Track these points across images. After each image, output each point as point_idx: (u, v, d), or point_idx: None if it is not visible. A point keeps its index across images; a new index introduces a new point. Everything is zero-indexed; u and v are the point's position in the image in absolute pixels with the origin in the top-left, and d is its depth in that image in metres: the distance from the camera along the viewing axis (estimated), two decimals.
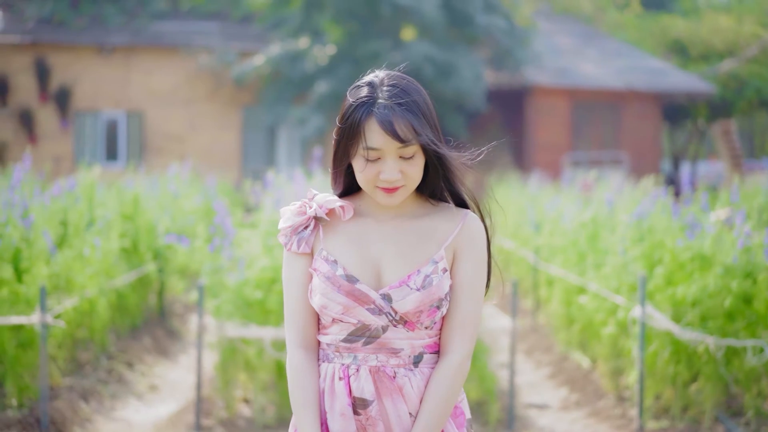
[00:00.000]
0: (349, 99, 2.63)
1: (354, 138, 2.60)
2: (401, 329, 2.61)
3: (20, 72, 24.59)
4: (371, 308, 2.60)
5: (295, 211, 2.70)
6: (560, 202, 11.70)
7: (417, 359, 2.63)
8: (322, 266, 2.64)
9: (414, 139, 2.56)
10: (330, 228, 2.69)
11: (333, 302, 2.60)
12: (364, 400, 2.60)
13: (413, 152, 2.59)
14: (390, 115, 2.56)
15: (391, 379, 2.60)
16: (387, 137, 2.56)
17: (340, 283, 2.61)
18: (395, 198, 2.62)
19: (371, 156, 2.58)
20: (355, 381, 2.61)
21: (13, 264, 6.69)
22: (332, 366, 2.63)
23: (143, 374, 8.08)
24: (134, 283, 9.19)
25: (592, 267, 8.11)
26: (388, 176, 2.58)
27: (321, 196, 2.70)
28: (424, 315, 2.60)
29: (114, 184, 10.96)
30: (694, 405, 6.50)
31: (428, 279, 2.60)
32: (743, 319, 6.30)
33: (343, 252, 2.65)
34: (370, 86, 2.62)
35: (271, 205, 6.89)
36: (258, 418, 6.31)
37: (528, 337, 9.80)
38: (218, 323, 6.25)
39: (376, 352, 2.61)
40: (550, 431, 6.67)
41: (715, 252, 6.41)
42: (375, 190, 2.62)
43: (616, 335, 7.22)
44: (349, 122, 2.61)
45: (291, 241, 2.68)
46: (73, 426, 6.33)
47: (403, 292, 2.59)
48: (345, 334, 2.62)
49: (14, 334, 6.44)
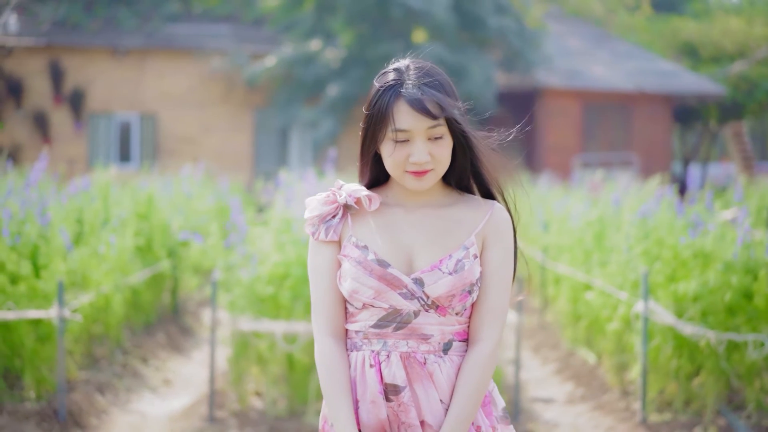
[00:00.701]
0: (376, 84, 2.66)
1: (382, 122, 2.61)
2: (433, 314, 2.62)
3: (35, 74, 24.83)
4: (403, 293, 2.61)
5: (322, 200, 2.70)
6: (568, 202, 11.83)
7: (447, 346, 2.64)
8: (352, 252, 2.65)
9: (442, 114, 2.59)
10: (358, 216, 2.70)
11: (364, 286, 2.61)
12: (395, 386, 2.60)
13: (441, 133, 2.61)
14: (418, 94, 2.59)
15: (421, 365, 2.61)
16: (416, 116, 2.58)
17: (371, 268, 2.61)
18: (424, 182, 2.63)
19: (400, 137, 2.60)
20: (387, 367, 2.61)
21: (31, 260, 6.86)
22: (361, 354, 2.64)
23: (157, 369, 8.25)
24: (148, 280, 9.37)
25: (597, 265, 8.25)
26: (418, 158, 2.59)
27: (348, 186, 2.71)
28: (455, 299, 2.61)
29: (128, 184, 11.16)
30: (697, 399, 6.63)
31: (460, 263, 2.62)
32: (744, 315, 6.42)
33: (374, 238, 2.67)
34: (397, 71, 2.65)
35: (283, 204, 7.05)
36: (270, 410, 6.47)
37: (536, 334, 9.94)
38: (232, 317, 6.42)
39: (406, 338, 2.62)
40: (555, 424, 6.81)
41: (715, 249, 6.54)
42: (404, 175, 2.63)
43: (621, 331, 7.36)
44: (377, 107, 2.62)
45: (319, 229, 2.69)
46: (89, 417, 6.51)
47: (435, 276, 2.60)
48: (375, 319, 2.63)
49: (32, 328, 6.61)
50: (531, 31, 24.64)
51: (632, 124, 26.37)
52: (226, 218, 12.76)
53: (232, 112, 25.48)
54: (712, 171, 33.45)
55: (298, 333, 6.26)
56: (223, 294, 6.75)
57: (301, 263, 6.45)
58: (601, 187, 13.58)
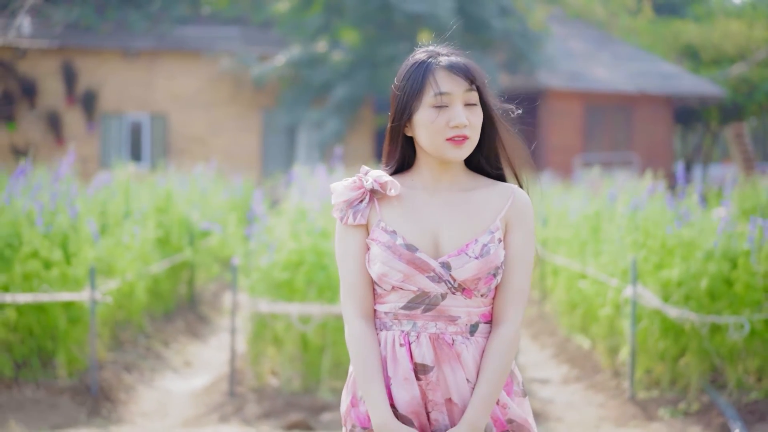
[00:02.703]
0: (411, 60, 2.78)
1: (421, 89, 2.72)
2: (459, 297, 2.70)
3: (48, 76, 25.36)
4: (431, 276, 2.68)
5: (349, 186, 2.77)
6: (568, 198, 12.35)
7: (473, 328, 2.72)
8: (381, 236, 2.72)
9: (476, 80, 2.75)
10: (385, 201, 2.76)
11: (393, 270, 2.68)
12: (424, 366, 2.68)
13: (475, 100, 2.74)
14: (456, 60, 2.74)
15: (449, 346, 2.69)
16: (455, 79, 2.71)
17: (400, 252, 2.69)
18: (463, 150, 2.72)
19: (442, 102, 2.69)
20: (417, 347, 2.69)
21: (62, 248, 7.39)
22: (391, 333, 2.72)
23: (178, 352, 8.79)
24: (167, 271, 9.90)
25: (592, 255, 8.76)
26: (459, 120, 2.68)
27: (374, 172, 2.78)
28: (481, 282, 2.69)
29: (144, 181, 11.72)
30: (682, 378, 7.13)
31: (486, 248, 2.69)
32: (726, 299, 6.93)
33: (401, 223, 2.73)
34: (428, 51, 2.79)
35: (297, 195, 7.58)
36: (285, 387, 6.98)
37: (535, 323, 10.45)
38: (251, 299, 6.94)
39: (435, 319, 2.70)
40: (550, 400, 7.32)
41: (697, 238, 7.05)
42: (443, 144, 2.71)
43: (612, 316, 7.86)
44: (414, 76, 2.73)
45: (347, 214, 2.75)
46: (118, 393, 7.04)
47: (462, 260, 2.68)
48: (405, 301, 2.70)
49: (64, 311, 7.12)
50: (534, 34, 25.03)
51: (633, 125, 26.83)
52: (240, 212, 13.32)
53: (241, 113, 25.96)
54: (713, 171, 33.87)
55: (312, 315, 6.78)
56: (242, 279, 7.27)
57: (315, 251, 6.97)
58: (599, 184, 14.08)
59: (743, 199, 11.95)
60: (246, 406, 6.64)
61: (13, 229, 7.17)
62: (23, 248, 7.02)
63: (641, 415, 6.73)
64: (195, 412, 6.79)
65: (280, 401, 6.67)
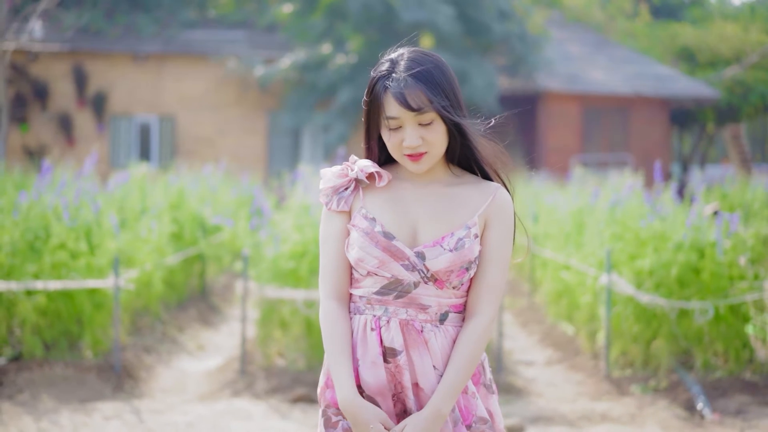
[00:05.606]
0: (373, 73, 2.80)
1: (377, 110, 2.77)
2: (431, 287, 2.76)
3: (59, 78, 25.97)
4: (405, 264, 2.75)
5: (336, 173, 2.85)
6: (558, 196, 13.03)
7: (443, 317, 2.78)
8: (361, 222, 2.79)
9: (426, 107, 2.70)
10: (369, 190, 2.84)
11: (370, 256, 2.75)
12: (393, 350, 2.75)
13: (430, 119, 2.72)
14: (402, 86, 2.70)
15: (418, 333, 2.76)
16: (401, 108, 2.71)
17: (377, 239, 2.75)
18: (421, 165, 2.76)
19: (392, 125, 2.74)
20: (386, 332, 2.76)
21: (86, 240, 8.08)
22: (364, 317, 2.79)
23: (192, 337, 9.49)
24: (181, 263, 10.59)
25: (575, 248, 9.44)
26: (409, 142, 2.72)
27: (362, 161, 2.85)
28: (453, 275, 2.75)
29: (157, 180, 12.44)
30: (654, 359, 7.80)
31: (461, 242, 2.75)
32: (694, 287, 7.60)
33: (382, 211, 2.80)
34: (390, 61, 2.78)
35: (302, 192, 8.27)
36: (291, 366, 7.66)
37: (524, 312, 11.13)
38: (259, 286, 7.63)
39: (406, 306, 2.76)
40: (533, 379, 8.00)
41: (667, 231, 7.73)
42: (403, 158, 2.77)
43: (593, 303, 8.54)
44: (372, 96, 2.78)
45: (332, 200, 2.83)
46: (139, 371, 7.73)
47: (436, 251, 2.74)
48: (378, 287, 2.77)
49: (89, 297, 7.81)
50: (533, 37, 25.50)
51: (630, 127, 27.38)
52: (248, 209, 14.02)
53: (247, 115, 26.51)
54: (710, 172, 34.41)
55: (316, 300, 7.46)
56: (251, 269, 7.96)
57: (318, 242, 7.66)
58: (590, 183, 14.76)
59: (732, 197, 12.62)
60: (256, 383, 7.33)
61: (42, 222, 7.87)
62: (51, 240, 7.71)
63: (615, 391, 7.41)
64: (210, 388, 7.48)
65: (287, 378, 7.35)
